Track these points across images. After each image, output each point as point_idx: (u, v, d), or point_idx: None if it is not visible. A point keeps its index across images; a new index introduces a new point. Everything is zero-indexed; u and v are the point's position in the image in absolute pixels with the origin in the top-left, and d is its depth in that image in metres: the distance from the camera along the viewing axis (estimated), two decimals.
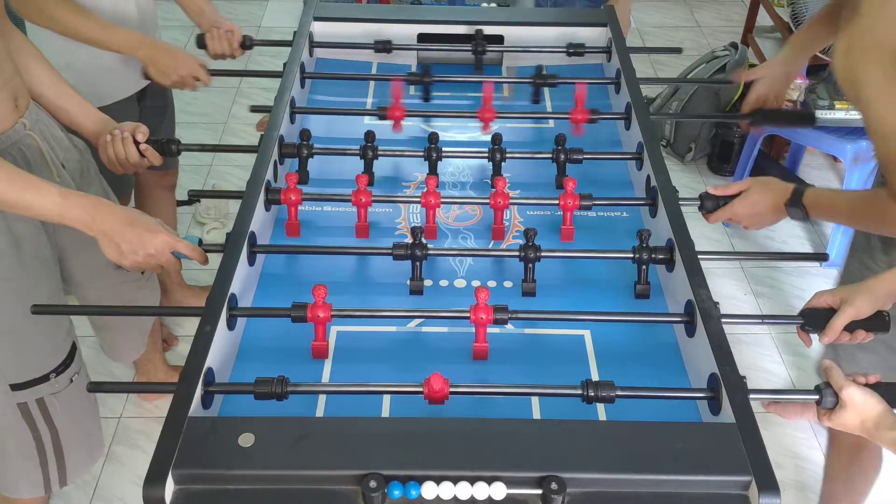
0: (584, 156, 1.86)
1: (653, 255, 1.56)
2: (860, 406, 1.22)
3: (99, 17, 1.95)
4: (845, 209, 1.58)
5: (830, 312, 1.39)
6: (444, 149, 1.86)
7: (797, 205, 1.57)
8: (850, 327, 1.38)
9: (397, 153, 1.92)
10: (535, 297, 1.59)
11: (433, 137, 1.87)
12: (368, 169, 1.86)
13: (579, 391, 1.29)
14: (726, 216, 1.65)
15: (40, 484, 1.79)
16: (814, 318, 1.40)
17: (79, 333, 1.79)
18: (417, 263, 1.57)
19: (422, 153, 1.86)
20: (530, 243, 1.57)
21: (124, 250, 1.46)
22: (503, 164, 1.86)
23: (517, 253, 1.58)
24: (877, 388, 1.24)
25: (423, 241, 1.57)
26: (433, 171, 1.87)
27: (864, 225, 1.65)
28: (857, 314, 1.37)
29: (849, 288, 1.40)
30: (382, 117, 1.98)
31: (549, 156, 1.86)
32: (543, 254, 1.57)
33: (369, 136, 1.85)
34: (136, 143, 1.74)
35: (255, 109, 2.13)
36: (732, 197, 1.64)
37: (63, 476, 1.81)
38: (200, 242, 1.53)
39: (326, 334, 1.47)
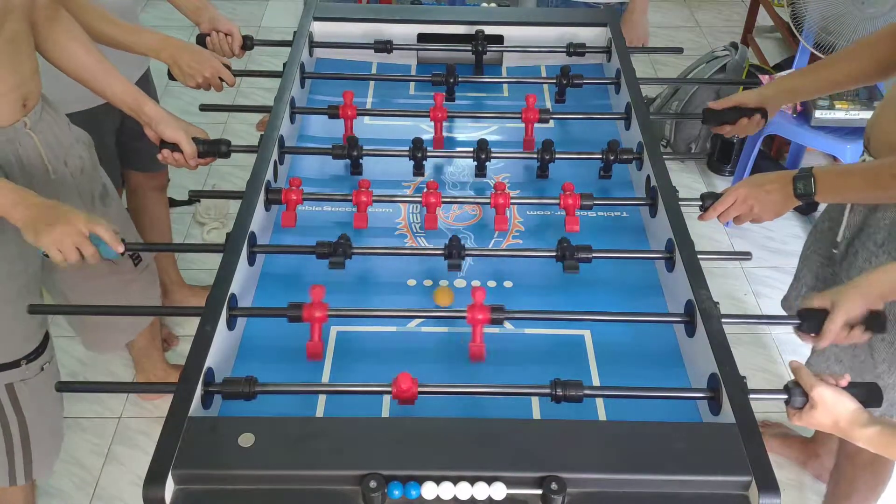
0: (633, 156, 1.85)
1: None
2: (831, 405, 1.22)
3: (122, 20, 1.92)
4: (867, 168, 1.56)
5: (825, 314, 1.38)
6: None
7: (806, 177, 1.54)
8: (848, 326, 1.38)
9: (446, 155, 1.95)
10: (535, 297, 1.59)
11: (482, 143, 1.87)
12: (419, 169, 1.89)
13: (548, 390, 1.29)
14: (731, 199, 1.62)
15: (6, 474, 1.79)
16: (810, 320, 1.40)
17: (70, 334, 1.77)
18: None
19: (471, 153, 1.87)
20: None
21: (43, 224, 1.44)
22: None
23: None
24: (848, 389, 1.24)
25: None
26: (482, 170, 1.89)
27: (881, 187, 1.53)
28: (849, 316, 1.36)
29: (837, 290, 1.39)
30: (333, 116, 1.98)
31: (599, 156, 1.86)
32: (467, 253, 1.57)
33: (417, 140, 1.86)
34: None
35: (204, 108, 2.10)
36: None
37: (29, 469, 1.81)
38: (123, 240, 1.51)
39: (325, 335, 1.46)
